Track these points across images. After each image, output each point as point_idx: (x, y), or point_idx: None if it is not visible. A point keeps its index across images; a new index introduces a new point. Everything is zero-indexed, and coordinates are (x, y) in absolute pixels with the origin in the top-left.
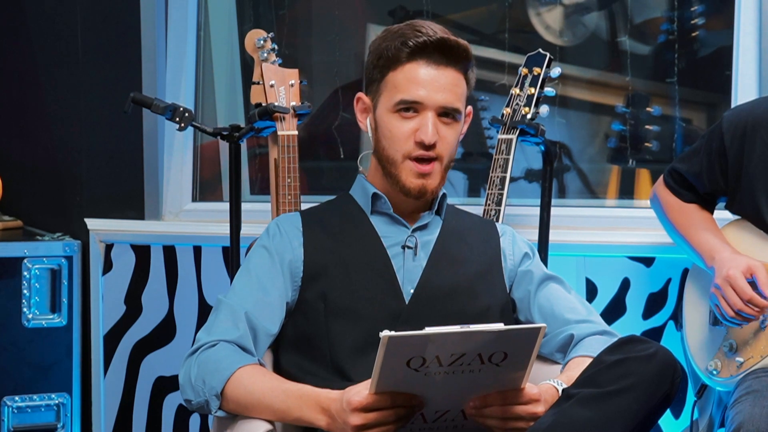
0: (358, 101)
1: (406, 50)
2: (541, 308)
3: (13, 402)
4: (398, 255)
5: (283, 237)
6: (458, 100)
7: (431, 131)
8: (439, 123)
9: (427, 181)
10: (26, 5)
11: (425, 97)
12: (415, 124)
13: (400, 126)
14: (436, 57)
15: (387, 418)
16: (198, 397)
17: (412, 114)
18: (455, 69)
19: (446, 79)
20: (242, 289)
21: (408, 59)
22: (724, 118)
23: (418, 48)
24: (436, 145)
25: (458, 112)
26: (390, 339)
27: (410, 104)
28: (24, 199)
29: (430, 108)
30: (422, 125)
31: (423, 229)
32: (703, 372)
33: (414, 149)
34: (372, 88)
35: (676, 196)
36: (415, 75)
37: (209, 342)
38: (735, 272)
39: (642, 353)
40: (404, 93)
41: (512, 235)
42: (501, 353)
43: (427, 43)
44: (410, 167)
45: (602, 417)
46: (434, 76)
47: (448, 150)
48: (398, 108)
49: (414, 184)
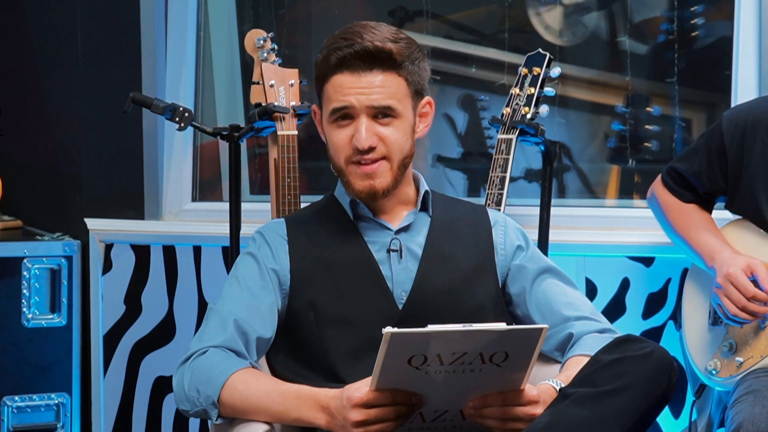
0: (315, 114)
1: (330, 63)
2: (539, 304)
3: (12, 402)
4: (385, 259)
5: (269, 247)
6: (389, 98)
7: (364, 135)
8: (375, 125)
9: (374, 181)
10: (26, 5)
11: (353, 101)
12: (351, 130)
13: (338, 134)
14: (358, 64)
15: (387, 415)
16: (194, 407)
17: (347, 122)
18: (380, 70)
19: (371, 81)
20: (232, 296)
21: (333, 72)
22: (723, 118)
23: (339, 61)
24: (375, 148)
25: (392, 110)
26: (392, 335)
27: (341, 111)
28: (24, 199)
29: (361, 111)
30: (356, 131)
31: (407, 231)
32: (702, 372)
33: (353, 154)
34: (319, 102)
35: (674, 195)
36: (340, 84)
37: (200, 349)
38: (736, 270)
39: (639, 352)
40: (334, 102)
41: (504, 226)
42: (502, 353)
43: (347, 55)
44: (354, 171)
45: (599, 416)
46: (358, 81)
47: (394, 148)
48: (333, 118)
49: (361, 186)
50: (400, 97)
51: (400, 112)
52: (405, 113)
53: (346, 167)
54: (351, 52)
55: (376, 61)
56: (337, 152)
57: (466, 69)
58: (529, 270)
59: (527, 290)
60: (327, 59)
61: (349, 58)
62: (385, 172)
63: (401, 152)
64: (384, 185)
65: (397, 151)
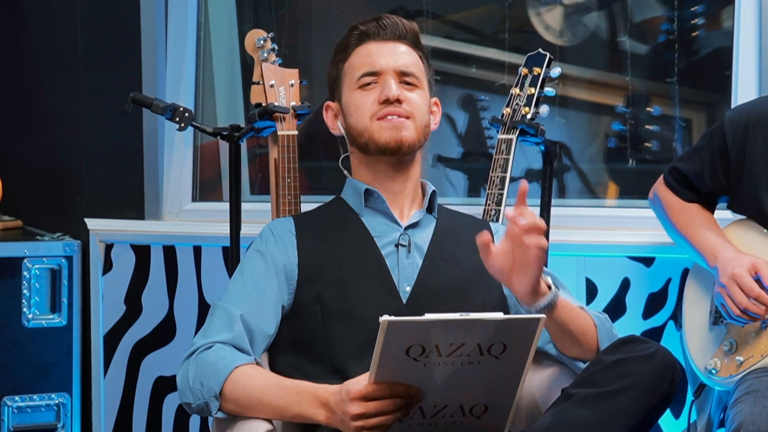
0: (327, 110)
1: (355, 35)
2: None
3: (13, 402)
4: (392, 254)
5: (276, 241)
6: (414, 66)
7: (394, 87)
8: (401, 86)
9: (401, 133)
10: (26, 5)
11: (382, 63)
12: (376, 92)
13: (363, 97)
14: (383, 34)
15: (386, 408)
16: (197, 399)
17: (373, 86)
18: (404, 42)
19: (397, 48)
20: (237, 292)
21: (357, 43)
22: (725, 117)
23: (365, 32)
24: (401, 102)
25: (416, 78)
26: (389, 324)
27: (369, 75)
28: (24, 199)
29: (388, 72)
30: (384, 86)
31: (415, 227)
32: (702, 371)
33: (380, 109)
34: (335, 89)
35: (677, 195)
36: (368, 51)
37: (205, 344)
38: (740, 270)
39: (641, 353)
40: (362, 68)
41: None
42: (500, 345)
43: (372, 27)
44: (380, 125)
45: (601, 417)
46: (386, 47)
47: (418, 111)
48: (360, 84)
49: (388, 136)
50: (420, 71)
51: (422, 84)
52: (424, 88)
53: (371, 123)
54: (376, 24)
55: (400, 33)
56: (360, 112)
57: (467, 69)
58: None
59: None
60: (350, 36)
61: (374, 29)
62: (411, 128)
63: (423, 117)
64: (410, 139)
65: (419, 115)
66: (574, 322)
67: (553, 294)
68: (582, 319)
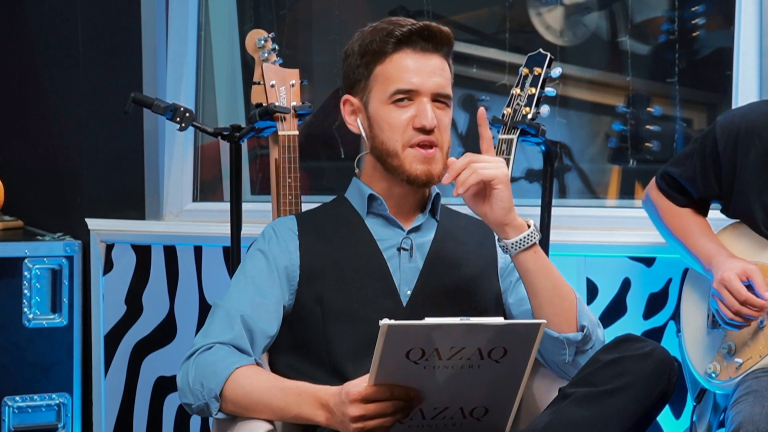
0: (345, 103)
1: (391, 41)
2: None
3: (13, 402)
4: (394, 257)
5: (279, 241)
6: (448, 85)
7: (430, 115)
8: (434, 108)
9: (431, 166)
10: (27, 5)
11: (419, 83)
12: (412, 111)
13: (397, 116)
14: (422, 44)
15: (386, 410)
16: (197, 400)
17: (407, 103)
18: (440, 55)
19: (435, 64)
20: (238, 292)
21: (394, 50)
22: (717, 123)
23: (404, 37)
24: (434, 131)
25: (450, 98)
26: (389, 327)
27: (405, 93)
28: (24, 199)
29: (425, 94)
30: (420, 111)
31: (417, 231)
32: (702, 376)
33: (414, 136)
34: (359, 87)
35: (669, 199)
36: (405, 64)
37: (205, 345)
38: (730, 275)
39: (638, 352)
40: (398, 83)
41: None
42: (501, 349)
43: (412, 31)
44: (413, 154)
45: (599, 416)
46: (423, 62)
47: (446, 136)
48: (394, 99)
49: (420, 171)
50: (451, 87)
51: (451, 102)
52: (451, 105)
53: (403, 150)
54: (416, 29)
55: (437, 43)
56: (393, 134)
57: (467, 69)
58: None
59: (512, 284)
60: (389, 35)
61: (414, 35)
62: (440, 159)
63: (448, 141)
64: (438, 170)
65: (447, 140)
66: (549, 278)
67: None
68: (560, 279)
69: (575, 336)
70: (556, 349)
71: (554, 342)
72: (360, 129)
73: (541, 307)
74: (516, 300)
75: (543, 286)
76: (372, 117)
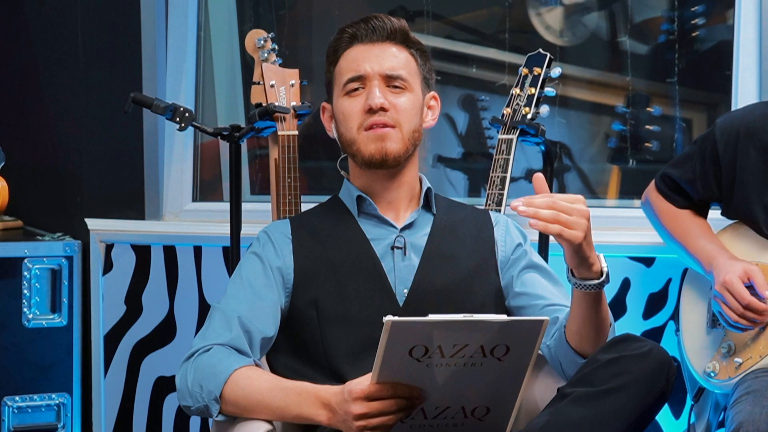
0: (323, 111)
1: (344, 37)
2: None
3: (13, 402)
4: (388, 256)
5: (273, 245)
6: (401, 68)
7: (377, 95)
8: (387, 91)
9: (385, 143)
10: (26, 5)
11: (366, 69)
12: (363, 99)
13: (350, 105)
14: (370, 36)
15: (388, 408)
16: (197, 402)
17: (360, 92)
18: (393, 43)
19: (384, 50)
20: (235, 294)
21: (346, 47)
22: (716, 125)
23: (354, 33)
24: (387, 110)
25: (403, 80)
26: (393, 324)
27: (355, 81)
28: (24, 199)
29: (373, 78)
30: (369, 93)
31: (411, 228)
32: (701, 375)
33: (365, 119)
34: (330, 92)
35: (668, 201)
36: (354, 56)
37: (204, 347)
38: (732, 277)
39: (636, 351)
40: (347, 73)
41: (506, 225)
42: (503, 346)
43: (360, 26)
44: (365, 136)
45: (597, 416)
46: (371, 50)
47: (405, 117)
48: (346, 90)
49: (373, 149)
50: (410, 71)
51: (411, 85)
52: (415, 89)
53: (358, 134)
54: (364, 26)
55: (389, 35)
56: (348, 121)
57: (467, 69)
58: (520, 261)
59: (514, 278)
60: (339, 38)
61: (362, 32)
62: (397, 138)
63: (411, 123)
64: (395, 151)
65: (406, 120)
66: (603, 316)
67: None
68: (607, 315)
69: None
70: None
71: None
72: (334, 133)
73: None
74: (520, 292)
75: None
76: (335, 114)
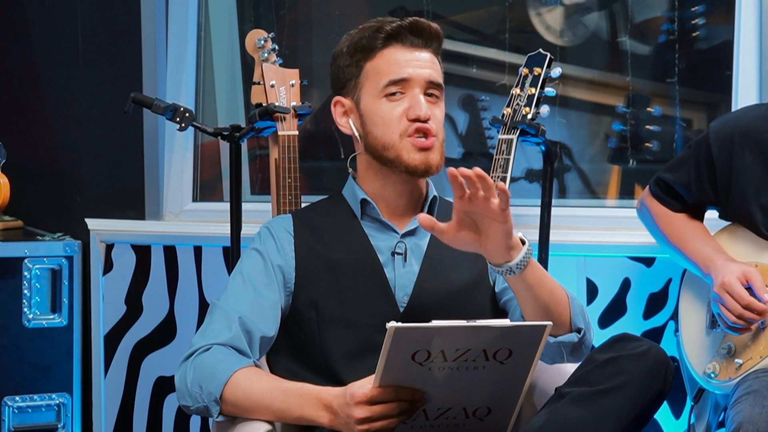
0: (336, 105)
1: (381, 36)
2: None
3: (13, 402)
4: (389, 261)
5: (275, 242)
6: (438, 77)
7: (424, 105)
8: (425, 100)
9: (429, 155)
10: (27, 6)
11: (412, 74)
12: (405, 104)
13: (390, 109)
14: (411, 39)
15: (391, 411)
16: (196, 402)
17: (399, 96)
18: (429, 50)
19: (425, 56)
20: (236, 292)
21: (384, 45)
22: (710, 129)
23: (393, 33)
24: (429, 121)
25: (442, 89)
26: (396, 330)
27: (398, 84)
28: (24, 199)
29: (417, 85)
30: (413, 102)
31: (413, 234)
32: (701, 376)
33: (409, 126)
34: (350, 87)
35: (664, 205)
36: (395, 57)
37: (203, 346)
38: (730, 279)
39: (634, 351)
40: (390, 74)
41: None
42: (506, 350)
43: (402, 26)
44: (410, 144)
45: (595, 415)
46: (413, 55)
47: (440, 127)
48: (386, 92)
49: (417, 160)
50: (442, 80)
51: (442, 95)
52: (443, 98)
53: (400, 141)
54: (405, 24)
55: (428, 39)
56: (388, 127)
57: (467, 69)
58: None
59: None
60: (378, 31)
61: (403, 31)
62: (437, 149)
63: (443, 133)
64: (437, 161)
65: (441, 131)
66: (546, 286)
67: (527, 248)
68: (554, 283)
69: (570, 338)
70: (552, 353)
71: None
72: (352, 129)
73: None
74: (504, 287)
75: (541, 295)
76: (364, 114)
